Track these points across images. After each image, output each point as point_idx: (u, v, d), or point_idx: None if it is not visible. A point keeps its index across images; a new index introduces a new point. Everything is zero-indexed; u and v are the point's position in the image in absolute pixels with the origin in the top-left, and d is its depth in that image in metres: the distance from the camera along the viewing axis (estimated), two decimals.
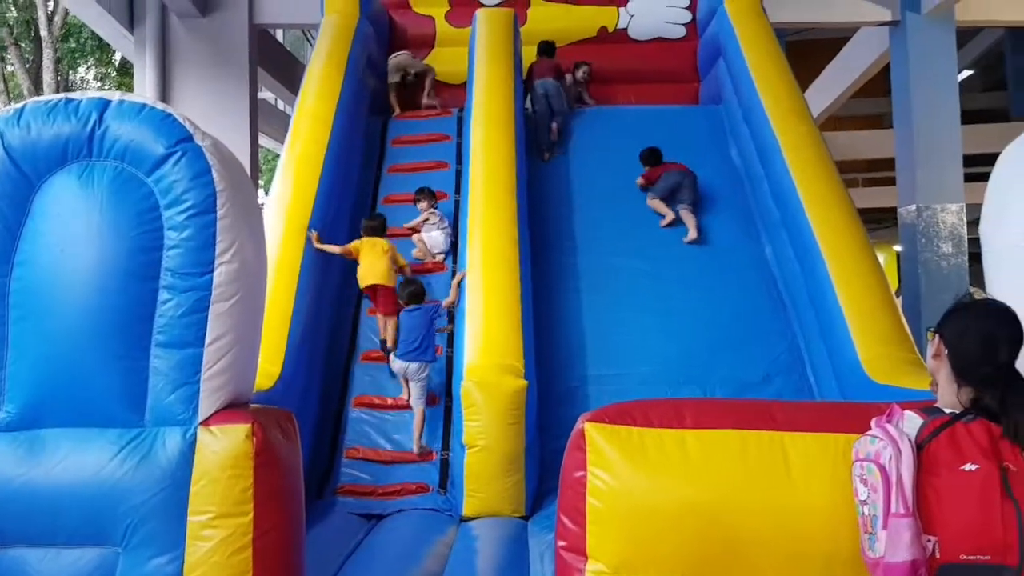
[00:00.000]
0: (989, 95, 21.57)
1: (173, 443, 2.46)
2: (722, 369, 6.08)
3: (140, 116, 2.52)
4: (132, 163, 2.51)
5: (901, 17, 10.32)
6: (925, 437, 2.22)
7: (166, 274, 2.50)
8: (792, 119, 7.03)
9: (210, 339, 2.50)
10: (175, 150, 2.50)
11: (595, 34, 9.16)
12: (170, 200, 2.50)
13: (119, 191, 2.50)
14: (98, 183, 2.51)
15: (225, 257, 2.51)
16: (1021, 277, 2.64)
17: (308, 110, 7.05)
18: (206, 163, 2.51)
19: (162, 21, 9.73)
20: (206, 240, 2.50)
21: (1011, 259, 2.68)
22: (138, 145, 2.50)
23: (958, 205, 10.07)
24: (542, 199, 7.36)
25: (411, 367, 5.63)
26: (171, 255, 2.50)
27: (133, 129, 2.51)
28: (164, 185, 2.50)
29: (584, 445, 2.41)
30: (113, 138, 2.51)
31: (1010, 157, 2.85)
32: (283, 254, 5.78)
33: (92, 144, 2.52)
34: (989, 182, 2.85)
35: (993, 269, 2.82)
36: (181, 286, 2.50)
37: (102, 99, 2.55)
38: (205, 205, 2.50)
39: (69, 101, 2.55)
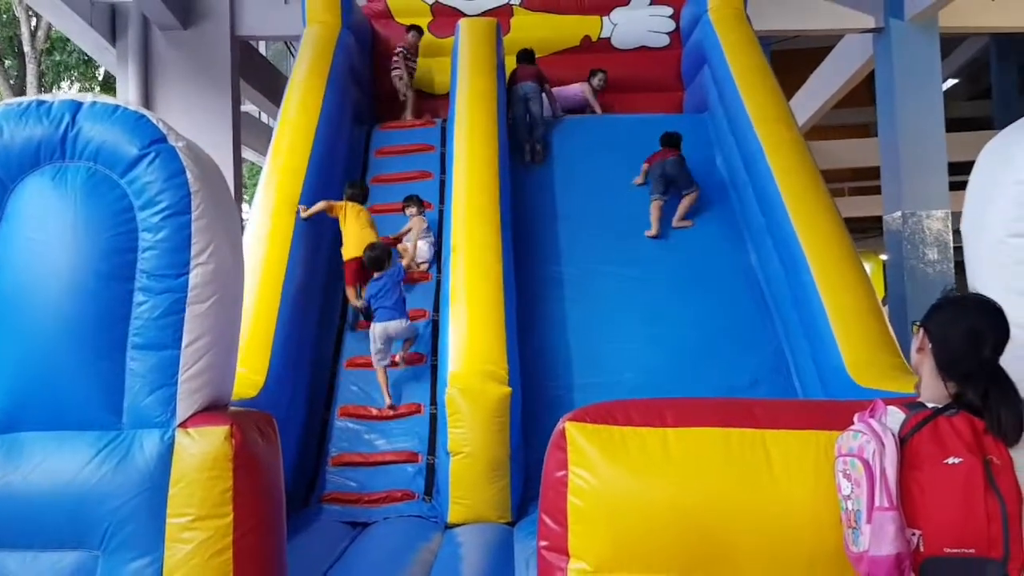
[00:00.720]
0: (974, 104, 21.75)
1: (151, 445, 2.44)
2: (708, 375, 6.06)
3: (113, 117, 2.51)
4: (105, 164, 2.49)
5: (885, 24, 10.39)
6: (908, 431, 2.22)
7: (141, 276, 2.49)
8: (777, 126, 7.05)
9: (187, 341, 2.48)
10: (148, 151, 2.48)
11: (578, 43, 9.17)
12: (144, 201, 2.48)
13: (92, 192, 2.49)
14: (71, 185, 2.49)
15: (201, 258, 2.49)
16: (1003, 274, 2.64)
17: (291, 121, 7.03)
18: (180, 164, 2.49)
19: (144, 34, 9.72)
20: (181, 241, 2.48)
21: (993, 255, 2.68)
22: (111, 146, 2.49)
23: (943, 211, 10.12)
24: (527, 207, 7.35)
25: (392, 325, 5.79)
26: (146, 257, 2.48)
27: (106, 130, 2.49)
28: (138, 186, 2.48)
29: (565, 445, 2.39)
30: (86, 139, 2.49)
31: (988, 156, 2.85)
32: (267, 264, 5.76)
33: (65, 146, 2.50)
34: (969, 182, 2.85)
35: (974, 267, 2.82)
36: (157, 288, 2.48)
37: (74, 101, 2.54)
38: (180, 206, 2.48)
39: (41, 103, 2.54)
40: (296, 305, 5.74)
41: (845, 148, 17.99)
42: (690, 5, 8.75)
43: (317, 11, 8.24)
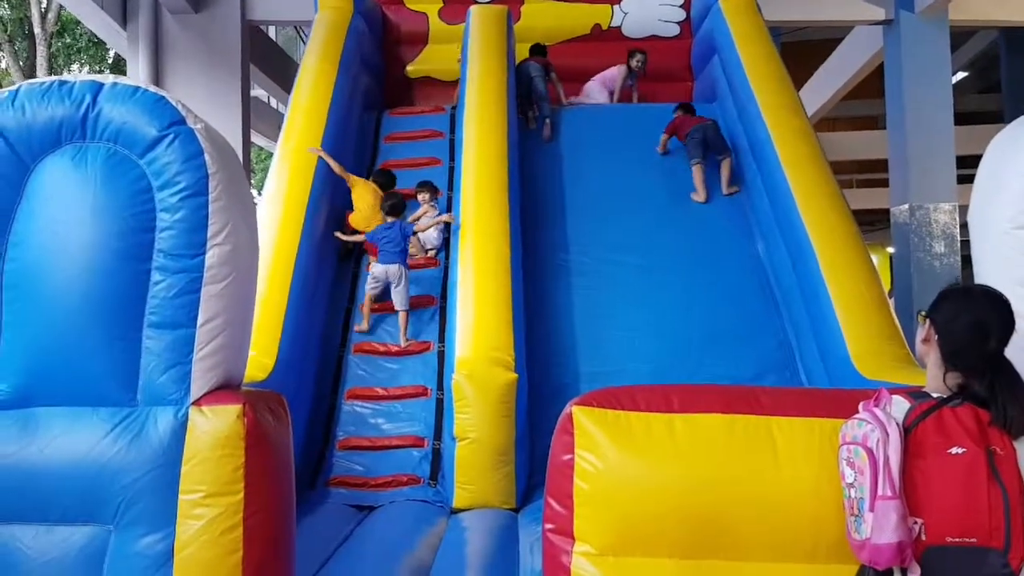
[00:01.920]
0: (983, 97, 21.65)
1: (165, 422, 2.47)
2: (714, 366, 6.07)
3: (133, 99, 2.54)
4: (125, 145, 2.52)
5: (895, 16, 10.36)
6: (912, 421, 2.24)
7: (158, 255, 2.52)
8: (786, 116, 7.05)
9: (202, 320, 2.52)
10: (168, 132, 2.51)
11: (589, 31, 9.17)
12: (163, 182, 2.51)
13: (112, 173, 2.52)
14: (91, 165, 2.52)
15: (217, 239, 2.52)
16: (1009, 266, 2.66)
17: (302, 106, 7.06)
18: (198, 146, 2.52)
19: (155, 17, 9.74)
20: (198, 222, 2.51)
21: (998, 246, 2.70)
22: (131, 127, 2.51)
23: (951, 205, 10.11)
24: (535, 196, 7.37)
25: (391, 269, 6.12)
26: (163, 237, 2.51)
27: (126, 111, 2.52)
28: (157, 167, 2.51)
29: (572, 428, 2.42)
30: (106, 120, 2.52)
31: (996, 148, 2.87)
32: (278, 248, 5.79)
33: (86, 126, 2.53)
34: (977, 174, 2.87)
35: (980, 258, 2.84)
36: (173, 267, 2.51)
37: (96, 82, 2.56)
38: (197, 187, 2.51)
39: (63, 83, 2.56)
40: (306, 289, 5.78)
41: (853, 140, 17.96)
42: None
43: None
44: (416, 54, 9.22)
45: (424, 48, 9.24)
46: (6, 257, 2.56)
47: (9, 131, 2.55)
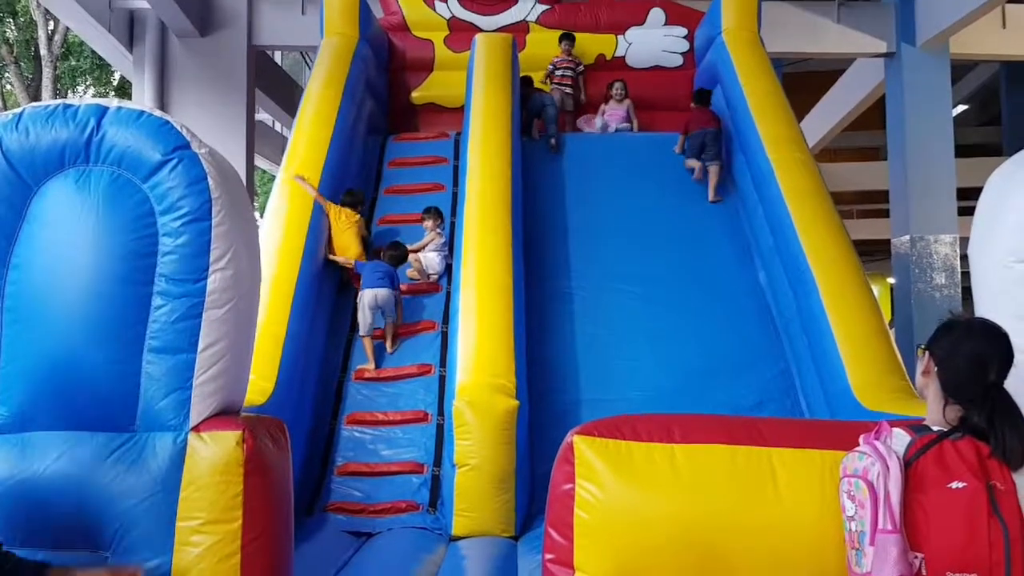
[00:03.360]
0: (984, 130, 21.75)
1: (164, 448, 2.46)
2: (714, 395, 6.06)
3: (138, 123, 2.55)
4: (129, 169, 2.53)
5: (897, 49, 10.46)
6: (913, 454, 2.23)
7: (160, 280, 2.52)
8: (788, 148, 7.08)
9: (203, 345, 2.51)
10: (172, 157, 2.52)
11: (593, 61, 9.23)
12: (166, 206, 2.52)
13: (115, 196, 2.52)
14: (94, 188, 2.53)
15: (220, 264, 2.53)
16: (1008, 299, 2.66)
17: (306, 131, 7.10)
18: (202, 170, 2.53)
19: (161, 40, 9.83)
20: (201, 247, 2.52)
21: (997, 280, 2.70)
22: (135, 151, 2.52)
23: (951, 236, 10.14)
24: (538, 222, 7.39)
25: (381, 292, 6.12)
26: (166, 261, 2.52)
27: (130, 135, 2.53)
28: (160, 191, 2.52)
29: (573, 458, 2.41)
30: (110, 144, 2.53)
31: (997, 181, 2.88)
32: (279, 272, 5.80)
33: (89, 149, 2.54)
34: (977, 207, 2.88)
35: (980, 291, 2.84)
36: (175, 292, 2.51)
37: (100, 105, 2.57)
38: (201, 212, 2.52)
39: (68, 107, 2.58)
40: (306, 314, 5.78)
41: (854, 171, 18.04)
42: (704, 27, 8.82)
43: (335, 23, 8.31)
44: (421, 81, 9.27)
45: (429, 75, 9.29)
46: (7, 279, 2.55)
47: (12, 153, 2.56)
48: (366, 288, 6.21)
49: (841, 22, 10.46)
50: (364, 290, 6.22)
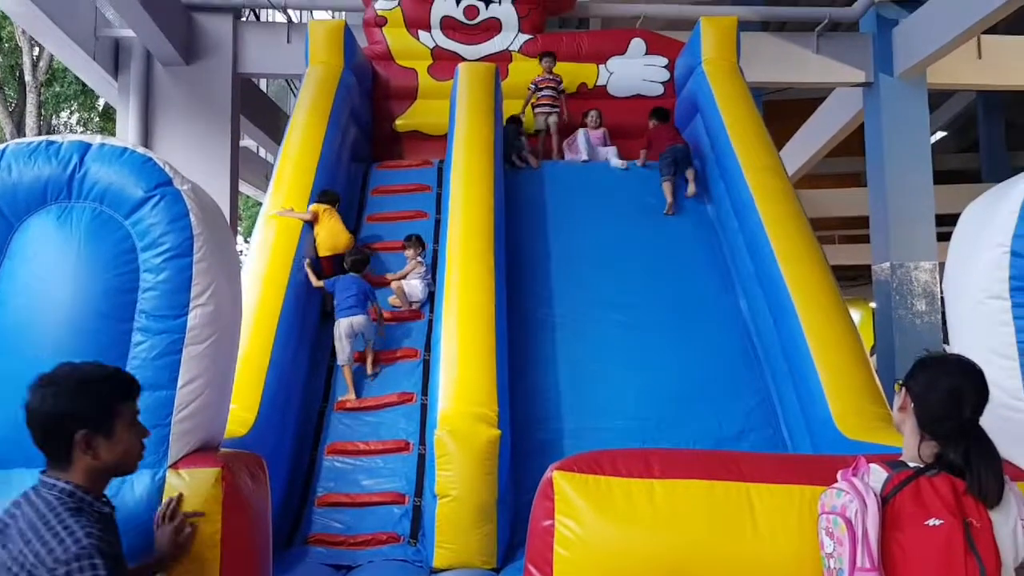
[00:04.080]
0: (962, 156, 22.03)
1: (141, 486, 2.45)
2: (697, 424, 6.08)
3: (121, 159, 2.56)
4: (111, 205, 2.53)
5: (875, 79, 10.59)
6: (890, 491, 2.25)
7: (141, 316, 2.52)
8: (767, 176, 7.14)
9: (183, 381, 2.51)
10: (154, 194, 2.53)
11: (575, 90, 9.30)
12: (147, 243, 2.52)
13: (97, 233, 2.53)
14: (76, 225, 2.53)
15: (200, 300, 2.53)
16: (983, 334, 2.69)
17: (292, 158, 7.13)
18: (184, 207, 2.54)
19: (146, 68, 9.85)
20: (182, 283, 2.52)
21: (973, 315, 2.73)
22: (118, 188, 2.53)
23: (931, 263, 10.23)
24: (520, 250, 7.41)
25: (356, 320, 6.16)
26: (146, 297, 2.52)
27: (113, 172, 2.54)
28: (142, 228, 2.53)
29: (552, 494, 2.42)
30: (93, 181, 2.54)
31: (969, 217, 2.92)
32: (263, 301, 5.79)
33: (72, 186, 2.55)
34: (951, 243, 2.92)
35: (955, 325, 2.88)
36: (155, 328, 2.51)
37: (83, 142, 2.58)
38: (182, 248, 2.53)
39: (51, 144, 2.58)
40: (289, 343, 5.77)
41: (836, 197, 18.20)
42: (684, 56, 8.92)
43: (320, 52, 8.36)
44: (405, 109, 9.31)
45: (413, 103, 9.34)
46: None
47: None
48: (340, 317, 6.20)
49: (820, 52, 10.59)
50: (339, 319, 6.20)
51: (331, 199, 6.98)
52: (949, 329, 2.95)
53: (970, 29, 9.08)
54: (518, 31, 9.49)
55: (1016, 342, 2.64)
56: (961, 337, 2.83)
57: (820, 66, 10.63)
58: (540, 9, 9.58)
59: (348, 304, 6.21)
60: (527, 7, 9.49)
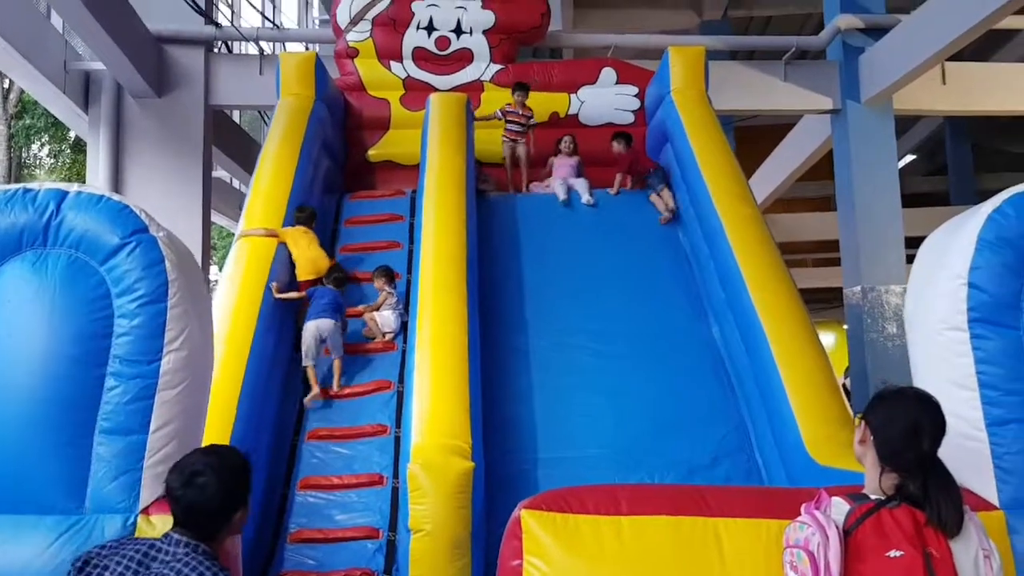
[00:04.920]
0: (931, 179, 22.34)
1: (112, 531, 2.46)
2: (671, 451, 6.10)
3: (97, 207, 2.59)
4: (86, 252, 2.56)
5: (842, 106, 10.76)
6: (852, 523, 2.30)
7: (114, 361, 2.54)
8: (736, 204, 7.23)
9: (155, 426, 2.53)
10: (130, 240, 2.56)
11: (547, 119, 9.38)
12: (122, 288, 2.55)
13: (72, 279, 2.55)
14: (51, 271, 2.56)
15: (174, 345, 2.55)
16: (941, 365, 2.76)
17: (263, 191, 7.14)
18: (160, 253, 2.57)
19: (117, 101, 9.84)
20: (156, 328, 2.55)
21: (932, 347, 2.80)
22: (93, 235, 2.56)
23: (901, 287, 10.35)
24: (493, 279, 7.44)
25: (322, 323, 6.33)
26: (120, 343, 2.54)
27: (89, 219, 2.57)
28: (117, 274, 2.55)
29: (520, 533, 2.44)
30: (69, 228, 2.57)
31: (931, 246, 2.99)
32: (233, 334, 5.78)
33: (48, 233, 2.58)
34: (911, 274, 2.99)
35: (915, 355, 2.94)
36: (128, 373, 2.53)
37: (60, 190, 2.61)
38: (157, 294, 2.55)
39: (27, 191, 2.61)
40: (260, 377, 5.75)
41: (808, 221, 18.40)
42: (654, 85, 9.03)
43: (291, 84, 8.40)
44: (377, 139, 9.36)
45: (386, 133, 9.39)
46: None
47: None
48: (309, 319, 6.38)
49: (788, 80, 10.75)
50: (308, 321, 6.38)
51: (308, 216, 7.07)
52: (910, 358, 3.02)
53: (934, 56, 9.26)
54: (490, 61, 9.59)
55: (975, 373, 2.71)
56: (922, 367, 2.90)
57: (788, 94, 10.79)
58: (511, 40, 9.68)
59: (319, 309, 6.42)
60: (498, 38, 9.59)
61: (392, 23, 9.53)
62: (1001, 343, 2.66)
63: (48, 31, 9.19)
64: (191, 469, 2.23)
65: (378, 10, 9.54)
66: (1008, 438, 2.64)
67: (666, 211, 8.08)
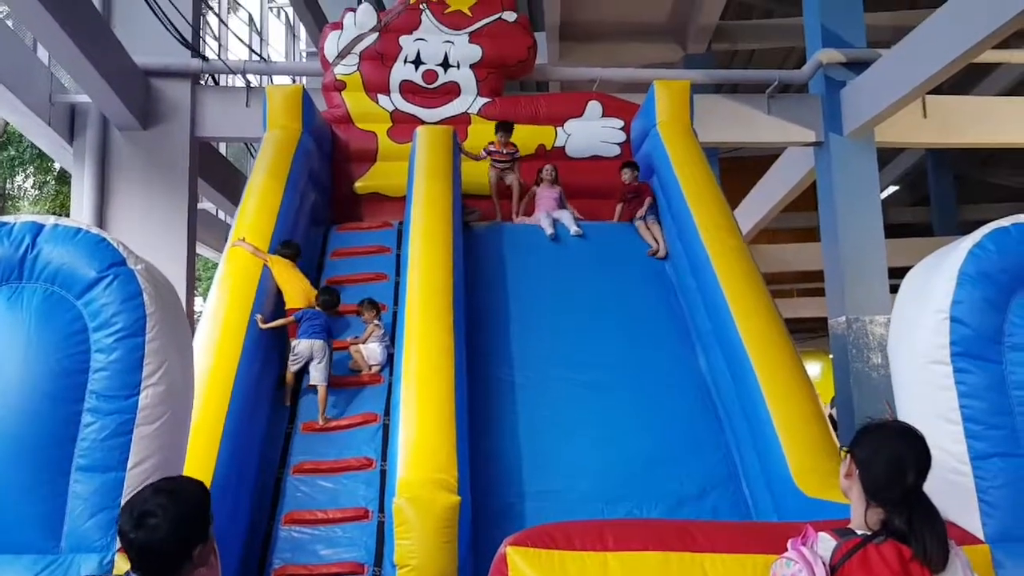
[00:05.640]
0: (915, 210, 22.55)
1: (89, 571, 2.42)
2: (659, 483, 6.07)
3: (74, 240, 2.57)
4: (63, 286, 2.54)
5: (825, 138, 10.85)
6: (839, 559, 2.28)
7: (91, 397, 2.51)
8: (722, 235, 7.26)
9: (133, 462, 2.50)
10: (107, 274, 2.54)
11: (534, 151, 9.43)
12: (99, 323, 2.52)
13: (48, 314, 2.53)
14: (27, 306, 2.53)
15: (152, 379, 2.53)
16: (925, 398, 2.76)
17: (248, 223, 7.12)
18: (138, 286, 2.55)
19: (103, 133, 9.83)
20: (134, 363, 2.52)
21: (915, 381, 2.80)
22: (70, 269, 2.54)
23: (885, 317, 10.39)
24: (480, 310, 7.43)
25: (316, 344, 6.49)
26: (97, 378, 2.51)
27: (66, 253, 2.55)
28: (94, 308, 2.53)
29: (506, 570, 2.42)
30: (45, 261, 2.55)
31: (913, 280, 3.00)
32: (216, 367, 5.73)
33: (23, 267, 2.55)
34: (894, 308, 2.99)
35: (899, 389, 2.94)
36: (106, 409, 2.50)
37: (36, 223, 2.59)
38: (135, 328, 2.53)
39: (2, 224, 2.59)
40: (244, 411, 5.69)
41: (793, 251, 18.50)
42: (640, 118, 9.09)
43: (278, 116, 8.42)
44: (365, 171, 9.38)
45: (373, 165, 9.41)
46: None
47: None
48: (303, 338, 6.53)
49: (771, 113, 10.85)
50: (301, 339, 6.53)
51: (293, 252, 7.13)
52: (894, 391, 3.02)
53: (914, 90, 9.37)
54: (477, 94, 9.64)
55: (959, 406, 2.71)
56: (906, 401, 2.90)
57: (772, 126, 10.88)
58: (498, 73, 9.75)
59: (313, 330, 6.56)
60: (485, 71, 9.66)
61: (380, 57, 9.60)
62: (984, 377, 2.67)
63: (34, 64, 9.20)
64: (140, 509, 2.12)
65: (366, 44, 9.61)
66: (992, 472, 2.64)
67: (654, 243, 8.10)
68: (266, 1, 17.54)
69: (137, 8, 9.26)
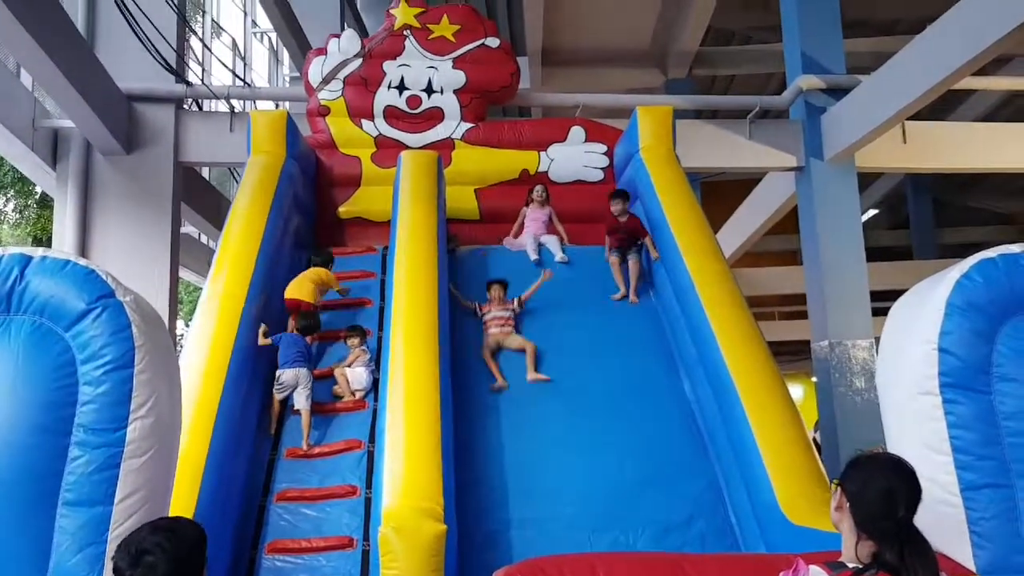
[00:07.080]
0: (895, 233, 22.75)
1: None
2: (645, 511, 6.04)
3: (62, 272, 2.55)
4: (51, 318, 2.52)
5: (805, 163, 10.94)
6: None
7: (78, 430, 2.49)
8: (706, 260, 7.29)
9: (120, 496, 2.47)
10: (96, 306, 2.52)
11: (517, 176, 9.47)
12: (87, 355, 2.51)
13: (36, 347, 2.50)
14: (15, 338, 2.51)
15: (140, 412, 2.51)
16: (915, 429, 2.77)
17: (232, 249, 7.09)
18: (126, 318, 2.53)
19: (86, 157, 9.79)
20: (122, 395, 2.50)
21: (904, 412, 2.82)
22: (58, 301, 2.52)
23: (868, 341, 10.45)
24: (465, 334, 7.42)
25: (301, 372, 6.55)
26: (85, 411, 2.49)
27: (54, 285, 2.53)
28: (82, 340, 2.51)
29: None
30: (33, 294, 2.53)
31: (900, 312, 3.02)
32: (200, 396, 5.68)
33: (11, 299, 2.53)
34: (882, 338, 3.01)
35: (889, 420, 2.95)
36: (93, 442, 2.48)
37: (24, 255, 2.57)
38: (123, 360, 2.51)
39: None
40: (228, 439, 5.64)
41: (776, 275, 18.60)
42: (623, 144, 9.15)
43: (262, 141, 8.41)
44: (349, 195, 9.38)
45: (357, 190, 9.41)
46: None
47: None
48: (285, 367, 6.58)
49: (752, 138, 10.93)
50: (284, 369, 6.57)
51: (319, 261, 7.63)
52: (884, 423, 3.03)
53: (894, 116, 9.46)
54: (460, 120, 9.68)
55: (948, 437, 2.73)
56: (896, 432, 2.91)
57: (753, 151, 10.96)
58: (482, 99, 9.79)
59: (293, 357, 6.61)
60: (469, 97, 9.70)
61: (364, 82, 9.63)
62: (973, 408, 2.68)
63: (17, 88, 9.17)
64: (138, 547, 2.13)
65: (350, 70, 9.64)
66: (983, 503, 2.65)
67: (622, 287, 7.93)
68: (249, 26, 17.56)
69: (120, 33, 9.25)
